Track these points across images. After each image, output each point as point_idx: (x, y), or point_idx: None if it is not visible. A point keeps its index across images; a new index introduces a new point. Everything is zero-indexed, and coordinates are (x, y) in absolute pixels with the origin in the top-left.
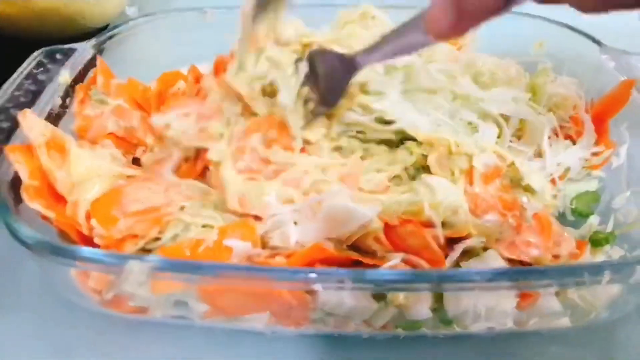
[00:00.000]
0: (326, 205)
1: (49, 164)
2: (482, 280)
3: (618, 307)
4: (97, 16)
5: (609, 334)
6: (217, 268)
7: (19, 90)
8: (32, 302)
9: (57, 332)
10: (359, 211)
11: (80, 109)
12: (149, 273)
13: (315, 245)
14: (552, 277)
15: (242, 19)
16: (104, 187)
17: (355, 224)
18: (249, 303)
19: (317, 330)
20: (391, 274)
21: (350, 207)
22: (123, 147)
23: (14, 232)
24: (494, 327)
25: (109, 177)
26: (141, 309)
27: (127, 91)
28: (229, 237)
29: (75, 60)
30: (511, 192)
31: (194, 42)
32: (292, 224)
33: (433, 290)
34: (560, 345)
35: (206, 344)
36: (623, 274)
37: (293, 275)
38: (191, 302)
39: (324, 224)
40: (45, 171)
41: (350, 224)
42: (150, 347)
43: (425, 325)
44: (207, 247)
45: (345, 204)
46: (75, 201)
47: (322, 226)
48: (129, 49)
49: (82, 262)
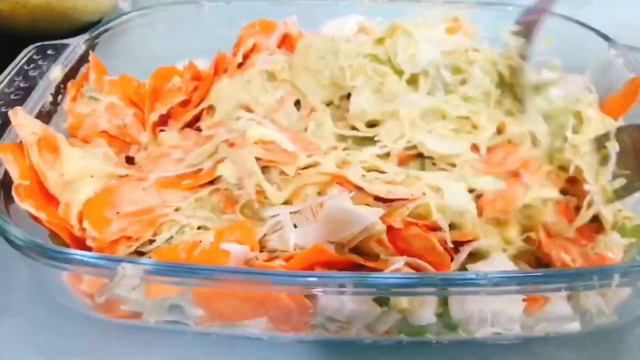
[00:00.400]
0: (327, 207)
1: (40, 164)
2: (489, 283)
3: (627, 311)
4: (90, 10)
5: (617, 339)
6: (213, 272)
7: (10, 87)
8: (23, 306)
9: (49, 336)
10: (360, 214)
11: (72, 106)
12: (143, 276)
13: (316, 247)
14: (560, 281)
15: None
16: (97, 187)
17: (357, 228)
18: (246, 308)
19: (317, 336)
20: (394, 277)
21: (351, 209)
22: (116, 146)
23: (3, 234)
24: (501, 332)
25: (102, 177)
26: (134, 314)
27: (120, 88)
28: (225, 240)
29: (67, 56)
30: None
31: (190, 37)
32: (292, 226)
33: (437, 295)
34: (568, 351)
35: (201, 350)
36: (632, 277)
37: (292, 279)
38: (186, 307)
39: (324, 226)
40: (36, 172)
41: (352, 227)
42: (144, 352)
43: (430, 330)
44: (203, 250)
45: (346, 206)
46: (68, 202)
47: (322, 229)
48: (122, 44)
49: (73, 265)
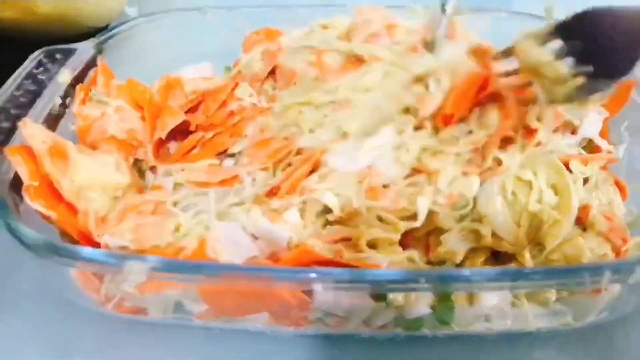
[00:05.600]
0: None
1: (54, 172)
2: (484, 280)
3: (617, 307)
4: (97, 16)
5: (608, 335)
6: (219, 269)
7: (18, 90)
8: (31, 303)
9: (57, 332)
10: (275, 232)
11: (80, 109)
12: (149, 273)
13: (303, 249)
14: (552, 277)
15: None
16: (108, 200)
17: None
18: (247, 303)
19: (316, 330)
20: (391, 274)
21: (269, 227)
22: (124, 150)
23: (14, 232)
24: (493, 327)
25: (113, 188)
26: (141, 310)
27: (126, 92)
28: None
29: (75, 60)
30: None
31: (194, 42)
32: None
33: (433, 291)
34: (560, 346)
35: (206, 344)
36: (622, 274)
37: (295, 275)
38: (187, 304)
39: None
40: (47, 175)
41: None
42: (151, 347)
43: (425, 324)
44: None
45: (264, 225)
46: (85, 210)
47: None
48: (129, 49)
49: (82, 262)
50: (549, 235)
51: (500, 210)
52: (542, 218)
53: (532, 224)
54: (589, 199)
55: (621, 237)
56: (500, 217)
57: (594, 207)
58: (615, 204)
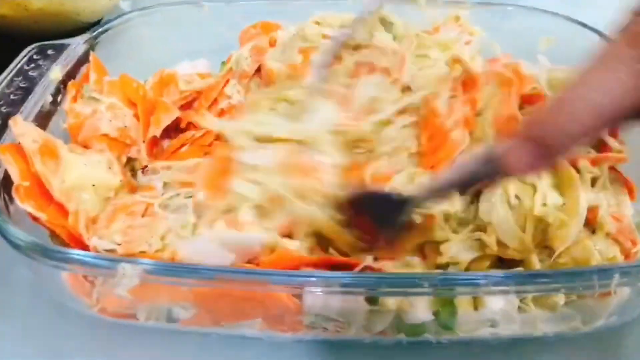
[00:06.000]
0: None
1: (45, 171)
2: (489, 283)
3: (627, 311)
4: (90, 10)
5: (617, 339)
6: (214, 272)
7: (9, 86)
8: (22, 306)
9: (48, 336)
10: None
11: (72, 106)
12: (141, 276)
13: (280, 252)
14: (560, 281)
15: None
16: (100, 200)
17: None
18: (241, 307)
19: (313, 335)
20: (391, 277)
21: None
22: (116, 149)
23: (4, 234)
24: (499, 333)
25: (104, 188)
26: (131, 315)
27: (119, 88)
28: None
29: (67, 56)
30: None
31: (190, 37)
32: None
33: (434, 295)
34: (568, 352)
35: (200, 349)
36: (632, 277)
37: (290, 279)
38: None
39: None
40: (37, 175)
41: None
42: (143, 351)
43: (427, 330)
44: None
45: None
46: (75, 212)
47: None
48: (123, 44)
49: (73, 265)
50: (556, 238)
51: (504, 217)
52: (549, 221)
53: (538, 228)
54: (597, 199)
55: (630, 239)
56: (504, 224)
57: (603, 208)
58: (624, 205)
